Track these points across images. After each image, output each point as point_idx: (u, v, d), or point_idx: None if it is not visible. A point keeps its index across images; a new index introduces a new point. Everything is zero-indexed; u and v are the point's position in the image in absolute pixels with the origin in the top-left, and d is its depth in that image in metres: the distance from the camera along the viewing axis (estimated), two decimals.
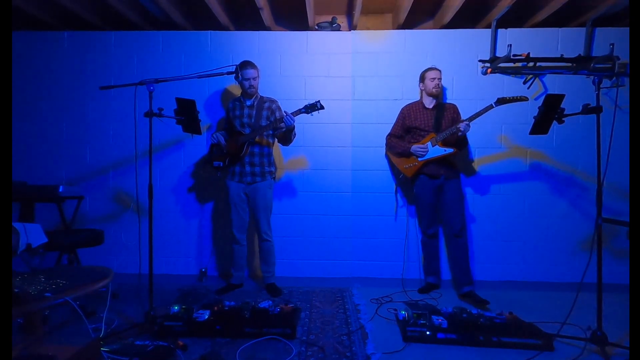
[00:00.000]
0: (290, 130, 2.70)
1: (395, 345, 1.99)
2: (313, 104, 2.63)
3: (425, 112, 2.90)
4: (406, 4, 2.89)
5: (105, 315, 2.03)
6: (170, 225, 3.30)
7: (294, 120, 2.62)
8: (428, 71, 2.88)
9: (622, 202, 3.10)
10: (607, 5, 2.83)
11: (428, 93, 2.88)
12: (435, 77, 2.84)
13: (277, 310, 2.22)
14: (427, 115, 2.88)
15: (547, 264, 3.18)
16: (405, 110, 2.99)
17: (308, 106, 2.63)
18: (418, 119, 2.89)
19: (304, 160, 3.27)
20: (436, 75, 2.84)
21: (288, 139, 2.78)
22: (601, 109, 1.92)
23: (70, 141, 3.32)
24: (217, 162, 2.77)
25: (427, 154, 2.81)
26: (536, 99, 3.14)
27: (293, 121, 2.62)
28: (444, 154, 2.78)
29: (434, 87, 2.84)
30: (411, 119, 2.92)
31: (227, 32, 3.28)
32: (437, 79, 2.84)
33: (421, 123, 2.87)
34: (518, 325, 2.07)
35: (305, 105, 2.64)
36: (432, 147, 2.80)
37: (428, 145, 2.80)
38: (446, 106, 2.92)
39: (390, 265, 3.24)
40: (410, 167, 2.89)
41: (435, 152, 2.80)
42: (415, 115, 2.91)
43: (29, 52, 3.30)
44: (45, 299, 1.32)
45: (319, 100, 2.64)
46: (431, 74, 2.85)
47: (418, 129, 2.88)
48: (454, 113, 2.92)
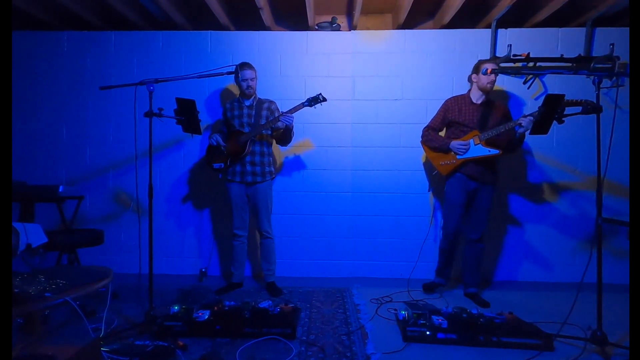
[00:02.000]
0: (289, 130, 2.70)
1: (395, 345, 1.99)
2: (315, 96, 2.63)
3: (471, 107, 2.67)
4: (406, 4, 2.89)
5: (105, 315, 2.03)
6: (170, 225, 3.31)
7: (292, 119, 2.62)
8: (486, 63, 2.60)
9: (622, 202, 3.10)
10: (607, 5, 2.83)
11: (480, 87, 2.62)
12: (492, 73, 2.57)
13: (277, 310, 2.22)
14: (473, 111, 2.65)
15: (547, 264, 3.18)
16: (449, 102, 2.76)
17: (311, 99, 2.63)
18: (462, 114, 2.66)
19: (304, 160, 3.27)
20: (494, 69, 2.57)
21: (287, 139, 2.78)
22: (601, 109, 1.92)
23: (70, 141, 3.32)
24: (218, 164, 2.77)
25: (467, 153, 2.60)
26: (536, 99, 3.14)
27: (292, 120, 2.62)
28: (487, 154, 2.54)
29: (489, 83, 2.59)
30: (455, 112, 2.70)
31: (227, 32, 3.28)
32: (495, 74, 2.59)
33: (465, 118, 2.65)
34: (518, 325, 2.07)
35: (307, 99, 2.64)
36: (473, 146, 2.58)
37: (470, 142, 2.59)
38: (496, 104, 2.68)
39: (391, 265, 3.25)
40: (447, 165, 2.69)
41: (477, 151, 2.57)
42: (460, 109, 2.69)
43: (29, 52, 3.30)
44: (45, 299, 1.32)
45: (320, 93, 2.64)
46: (490, 65, 2.56)
47: (460, 125, 2.66)
48: (504, 112, 2.68)
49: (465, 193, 2.69)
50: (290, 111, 2.63)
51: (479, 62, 2.67)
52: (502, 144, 2.59)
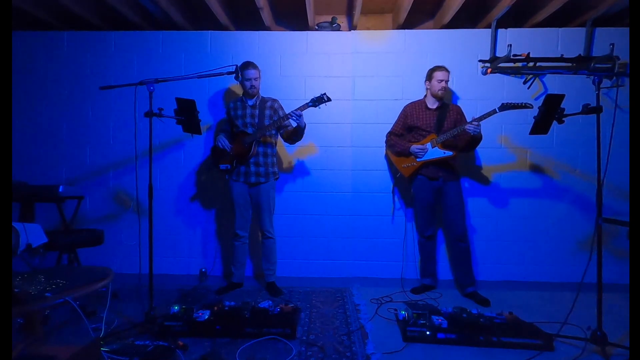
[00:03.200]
0: (301, 129, 2.69)
1: (395, 345, 1.99)
2: (319, 97, 2.61)
3: (427, 112, 2.84)
4: (406, 4, 2.89)
5: (105, 315, 2.03)
6: (170, 225, 3.30)
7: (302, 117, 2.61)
8: (436, 71, 2.77)
9: (622, 202, 3.10)
10: (607, 5, 2.83)
11: (433, 94, 2.80)
12: (443, 79, 2.74)
13: (277, 310, 2.22)
14: (429, 116, 2.83)
15: (547, 264, 3.18)
16: (407, 108, 2.94)
17: (315, 99, 2.61)
18: (420, 119, 2.84)
19: (305, 160, 3.27)
20: (444, 77, 2.75)
21: (298, 137, 2.77)
22: (601, 109, 1.92)
23: (70, 141, 3.32)
24: (224, 165, 2.76)
25: (425, 155, 2.77)
26: (536, 99, 3.14)
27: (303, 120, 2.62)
28: (442, 156, 2.73)
29: (440, 90, 2.76)
30: (413, 118, 2.87)
31: (227, 32, 3.28)
32: (445, 80, 2.75)
33: (422, 123, 2.82)
34: (518, 325, 2.07)
35: (312, 99, 2.62)
36: (431, 149, 2.75)
37: (427, 146, 2.76)
38: (450, 107, 2.85)
39: (391, 265, 3.24)
40: (408, 167, 2.86)
41: (434, 153, 2.75)
42: (417, 114, 2.86)
43: (29, 52, 3.30)
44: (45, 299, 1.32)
45: (325, 93, 2.62)
46: (439, 74, 2.75)
47: (419, 129, 2.83)
48: (458, 115, 2.84)
49: (430, 193, 2.84)
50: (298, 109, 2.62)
51: (431, 69, 2.83)
52: (459, 147, 2.79)
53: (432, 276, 2.98)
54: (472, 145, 2.79)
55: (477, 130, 2.59)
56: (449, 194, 2.80)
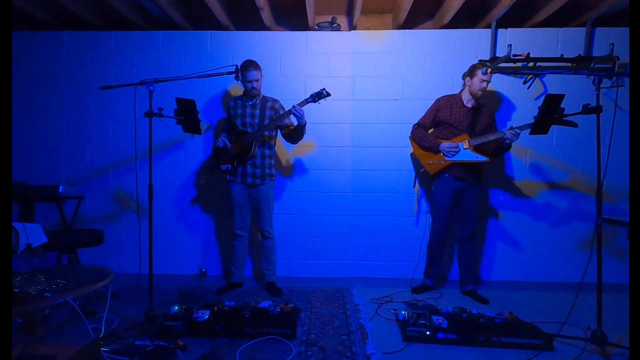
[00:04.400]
0: (302, 127, 2.66)
1: (395, 345, 1.99)
2: (319, 92, 2.59)
3: (463, 109, 2.70)
4: (406, 4, 2.89)
5: (105, 315, 2.03)
6: (170, 225, 3.30)
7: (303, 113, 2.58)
8: (482, 67, 2.60)
9: (622, 202, 3.10)
10: (607, 5, 2.83)
11: (472, 91, 2.65)
12: (486, 80, 2.60)
13: (277, 310, 2.22)
14: (464, 114, 2.68)
15: (547, 264, 3.18)
16: (442, 101, 2.77)
17: (314, 95, 2.60)
18: (454, 115, 2.69)
19: (304, 160, 3.27)
20: (488, 78, 2.61)
21: (298, 136, 2.73)
22: (601, 109, 1.92)
23: (70, 141, 3.32)
24: (226, 166, 2.75)
25: (456, 156, 2.64)
26: (536, 99, 3.14)
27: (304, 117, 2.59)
28: (475, 160, 2.61)
29: (481, 90, 2.62)
30: (446, 113, 2.72)
31: (227, 32, 3.28)
32: (487, 82, 2.62)
33: (456, 120, 2.68)
34: (518, 325, 2.07)
35: (311, 94, 2.60)
36: (463, 150, 2.63)
37: (460, 146, 2.64)
38: (484, 109, 2.73)
39: (391, 265, 3.25)
40: (435, 164, 2.72)
41: (465, 155, 2.63)
42: (451, 109, 2.71)
43: (29, 52, 3.30)
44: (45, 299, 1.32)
45: (324, 88, 2.60)
46: (484, 75, 2.59)
47: (450, 126, 2.69)
48: (490, 118, 2.73)
49: (452, 193, 2.73)
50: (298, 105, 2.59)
51: (474, 65, 2.68)
52: (488, 151, 2.68)
53: (435, 278, 2.96)
54: (499, 152, 2.71)
55: (515, 139, 2.51)
56: (470, 197, 2.72)
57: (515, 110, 3.16)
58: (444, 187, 2.74)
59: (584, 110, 1.96)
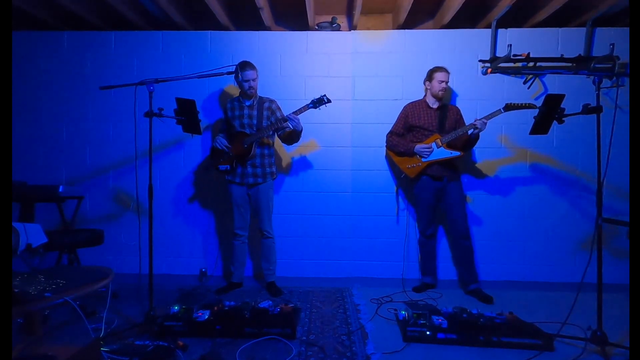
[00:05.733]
0: (298, 132, 2.70)
1: (395, 345, 1.99)
2: (319, 98, 2.64)
3: (429, 111, 2.85)
4: (406, 4, 2.89)
5: (105, 315, 2.03)
6: (171, 225, 3.30)
7: (299, 121, 2.62)
8: (437, 72, 2.79)
9: (622, 202, 3.10)
10: (607, 5, 2.83)
11: (433, 94, 2.82)
12: (443, 80, 2.77)
13: (277, 310, 2.22)
14: (431, 115, 2.84)
15: (547, 264, 3.18)
16: (408, 108, 2.94)
17: (315, 101, 2.64)
18: (422, 118, 2.84)
19: (304, 160, 3.27)
20: (445, 78, 2.77)
21: (294, 140, 2.78)
22: (601, 109, 1.92)
23: (70, 141, 3.32)
24: (224, 166, 2.76)
25: (431, 155, 2.76)
26: (536, 99, 3.14)
27: (300, 124, 2.63)
28: (450, 156, 2.73)
29: (440, 90, 2.78)
30: (414, 117, 2.87)
31: (227, 32, 3.28)
32: (445, 82, 2.78)
33: (425, 122, 2.82)
34: (518, 325, 2.07)
35: (312, 100, 2.65)
36: (436, 148, 2.75)
37: (433, 145, 2.76)
38: (449, 107, 2.89)
39: (391, 265, 3.25)
40: (414, 168, 2.84)
41: (440, 153, 2.75)
42: (418, 114, 2.86)
43: (29, 52, 3.30)
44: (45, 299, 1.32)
45: (325, 94, 2.64)
46: (440, 75, 2.77)
47: (421, 128, 2.83)
48: (457, 115, 2.88)
49: (433, 193, 2.84)
50: (295, 113, 2.63)
51: (431, 70, 2.84)
52: (459, 145, 2.80)
53: (433, 275, 3.01)
54: (469, 145, 2.84)
55: (483, 128, 2.65)
56: (451, 193, 2.81)
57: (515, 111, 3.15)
58: (425, 187, 2.86)
59: (584, 110, 1.96)
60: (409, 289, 2.90)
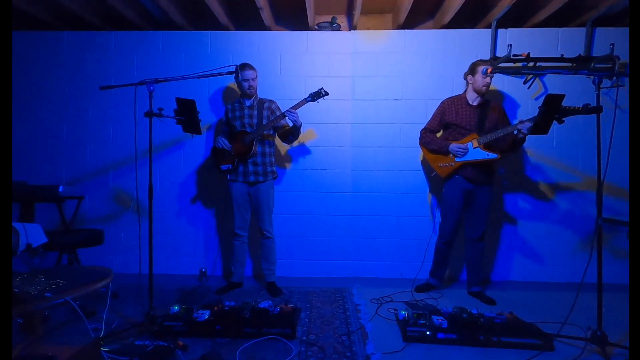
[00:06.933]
0: (297, 128, 2.71)
1: (395, 345, 1.99)
2: (317, 91, 2.65)
3: (468, 108, 2.67)
4: (406, 4, 2.89)
5: (105, 315, 2.03)
6: (170, 225, 3.30)
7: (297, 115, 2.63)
8: (482, 65, 2.59)
9: (622, 202, 3.10)
10: (607, 5, 2.83)
11: (476, 89, 2.62)
12: (489, 75, 2.56)
13: (277, 310, 2.22)
14: (470, 113, 2.65)
15: (547, 264, 3.18)
16: (446, 104, 2.76)
17: (313, 94, 2.65)
18: (460, 116, 2.67)
19: (304, 160, 3.27)
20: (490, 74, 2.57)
21: (294, 136, 2.78)
22: (601, 109, 1.92)
23: (70, 141, 3.32)
24: (226, 166, 2.77)
25: (466, 156, 2.60)
26: (536, 99, 3.14)
27: (299, 120, 2.64)
28: (486, 158, 2.56)
29: (484, 85, 2.59)
30: (452, 114, 2.70)
31: (227, 32, 3.28)
32: (490, 77, 2.58)
33: (463, 120, 2.65)
34: (518, 325, 2.07)
35: (310, 94, 2.66)
36: (472, 149, 2.59)
37: (468, 145, 2.60)
38: (492, 105, 2.69)
39: (391, 265, 3.24)
40: (446, 167, 2.69)
41: (475, 154, 2.58)
42: (457, 110, 2.69)
43: (29, 52, 3.30)
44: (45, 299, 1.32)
45: (322, 87, 2.65)
46: (487, 67, 2.56)
47: (458, 127, 2.66)
48: (500, 113, 2.68)
49: (463, 195, 2.70)
50: (293, 107, 2.64)
51: (475, 63, 2.66)
52: (500, 147, 2.63)
53: (440, 279, 2.94)
54: (515, 147, 2.63)
55: (525, 130, 2.41)
56: (481, 198, 2.68)
57: (515, 110, 3.15)
58: (455, 188, 2.70)
59: (584, 110, 1.96)
60: (410, 289, 2.90)
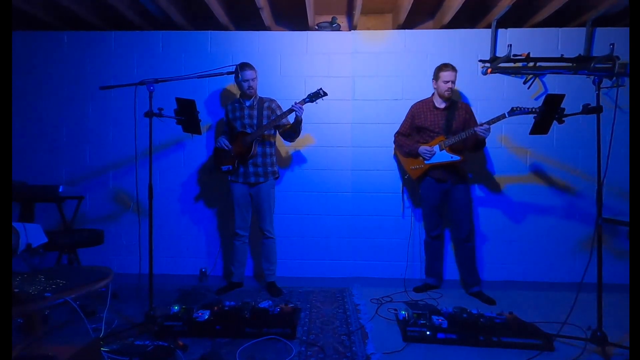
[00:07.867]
0: (299, 123, 2.70)
1: (395, 345, 1.99)
2: (316, 92, 2.65)
3: (435, 112, 2.77)
4: (406, 4, 2.89)
5: (105, 315, 2.03)
6: (170, 225, 3.30)
7: (302, 109, 2.63)
8: (443, 70, 2.68)
9: (622, 202, 3.10)
10: (607, 5, 2.83)
11: (439, 94, 2.74)
12: (449, 80, 2.66)
13: (277, 310, 2.22)
14: (437, 116, 2.76)
15: (547, 264, 3.18)
16: (414, 108, 2.88)
17: (312, 94, 2.65)
18: (428, 119, 2.77)
19: (304, 160, 3.27)
20: (450, 78, 2.66)
21: (295, 133, 2.78)
22: (601, 109, 1.92)
23: (70, 141, 3.32)
24: (226, 167, 2.77)
25: (432, 158, 2.72)
26: (536, 99, 3.14)
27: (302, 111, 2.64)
28: (449, 160, 2.68)
29: (447, 91, 2.68)
30: (420, 118, 2.80)
31: (227, 32, 3.28)
32: (451, 82, 2.67)
33: (430, 124, 2.76)
34: (518, 325, 2.07)
35: (308, 94, 2.65)
36: (439, 152, 2.70)
37: (435, 148, 2.71)
38: (459, 106, 2.78)
39: (391, 265, 3.24)
40: (416, 169, 2.82)
41: (441, 157, 2.70)
42: (425, 114, 2.80)
43: (29, 52, 3.30)
44: (45, 299, 1.32)
45: (321, 88, 2.65)
46: (446, 75, 2.66)
47: (427, 130, 2.77)
48: (467, 114, 2.77)
49: (439, 194, 2.80)
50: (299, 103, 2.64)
51: (438, 68, 2.75)
52: (466, 147, 2.75)
53: (437, 276, 2.98)
54: (478, 147, 2.78)
55: (486, 134, 2.56)
56: (456, 196, 2.77)
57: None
58: (430, 189, 2.82)
59: (584, 110, 1.96)
60: (410, 289, 2.90)
